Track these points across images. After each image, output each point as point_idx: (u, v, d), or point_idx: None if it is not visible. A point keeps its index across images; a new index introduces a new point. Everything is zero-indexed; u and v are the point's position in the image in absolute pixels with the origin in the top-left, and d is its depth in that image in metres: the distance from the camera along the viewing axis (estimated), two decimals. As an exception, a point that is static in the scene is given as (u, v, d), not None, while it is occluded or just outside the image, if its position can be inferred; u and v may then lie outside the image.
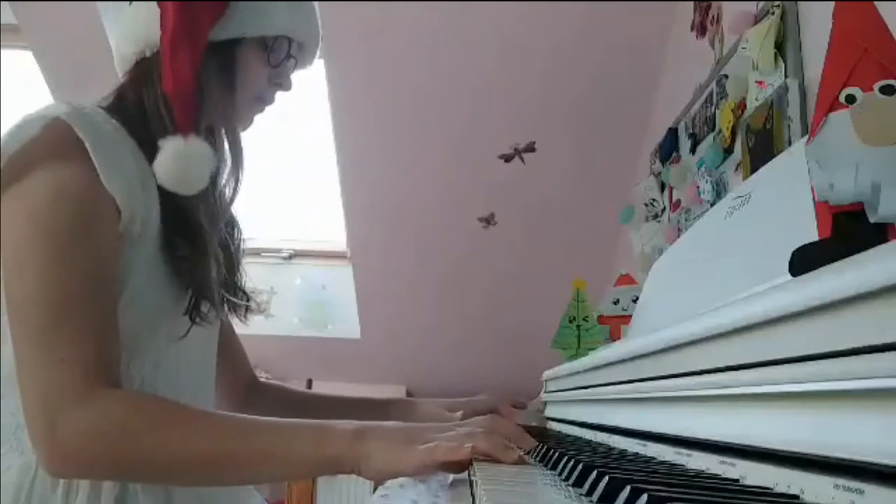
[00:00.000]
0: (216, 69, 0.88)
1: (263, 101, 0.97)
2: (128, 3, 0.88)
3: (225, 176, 0.95)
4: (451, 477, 0.77)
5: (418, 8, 2.41)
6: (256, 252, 3.59)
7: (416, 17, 2.47)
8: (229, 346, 1.12)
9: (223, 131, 0.94)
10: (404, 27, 2.52)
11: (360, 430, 0.74)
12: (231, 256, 1.01)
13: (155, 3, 0.85)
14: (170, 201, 0.85)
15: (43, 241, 0.75)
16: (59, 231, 0.75)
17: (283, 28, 0.92)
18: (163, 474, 0.75)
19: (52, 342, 0.72)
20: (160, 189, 0.83)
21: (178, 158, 0.81)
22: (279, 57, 0.94)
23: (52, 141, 0.77)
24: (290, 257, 3.73)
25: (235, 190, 0.96)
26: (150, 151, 0.83)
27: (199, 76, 0.84)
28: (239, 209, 1.04)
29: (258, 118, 0.99)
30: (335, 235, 3.54)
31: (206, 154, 0.84)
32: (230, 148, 0.94)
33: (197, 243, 0.87)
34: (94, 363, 0.73)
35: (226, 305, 1.00)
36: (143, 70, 0.88)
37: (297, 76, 1.01)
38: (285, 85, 0.97)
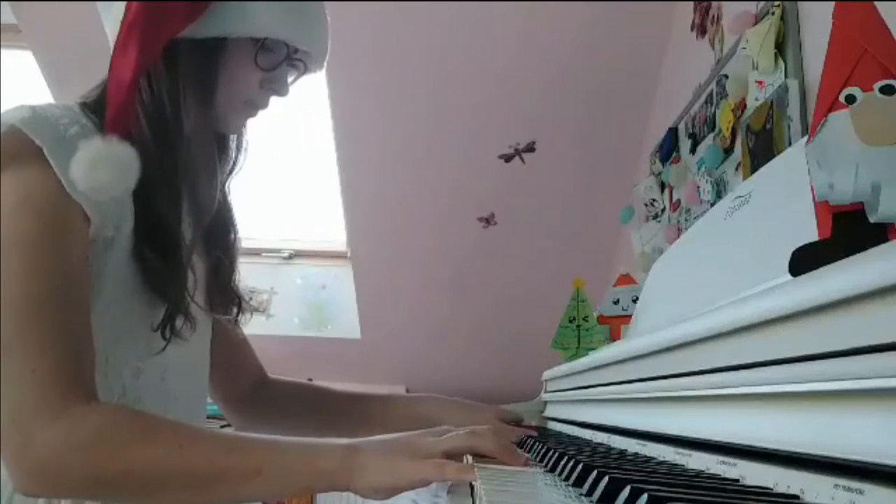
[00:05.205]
0: (194, 68, 0.85)
1: (255, 105, 0.92)
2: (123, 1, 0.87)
3: (204, 182, 0.91)
4: None
5: (419, 8, 2.41)
6: (256, 252, 3.58)
7: (416, 18, 2.46)
8: (232, 341, 1.06)
9: (204, 135, 0.90)
10: (404, 27, 2.51)
11: (354, 444, 0.72)
12: (227, 261, 0.98)
13: None
14: (143, 209, 0.81)
15: (7, 251, 0.72)
16: (24, 239, 0.73)
17: (270, 30, 0.87)
18: (144, 492, 0.71)
19: (20, 352, 0.69)
20: (134, 195, 0.79)
21: (90, 161, 0.73)
22: (273, 61, 0.89)
23: (9, 150, 0.74)
24: (290, 257, 3.73)
25: (213, 197, 0.92)
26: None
27: (137, 78, 0.77)
28: (239, 209, 1.03)
29: (252, 121, 0.96)
30: (335, 235, 3.54)
31: (124, 159, 0.74)
32: (201, 153, 0.90)
33: (170, 256, 0.83)
34: (68, 375, 0.70)
35: (217, 308, 0.97)
36: None
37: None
38: (280, 90, 0.92)
